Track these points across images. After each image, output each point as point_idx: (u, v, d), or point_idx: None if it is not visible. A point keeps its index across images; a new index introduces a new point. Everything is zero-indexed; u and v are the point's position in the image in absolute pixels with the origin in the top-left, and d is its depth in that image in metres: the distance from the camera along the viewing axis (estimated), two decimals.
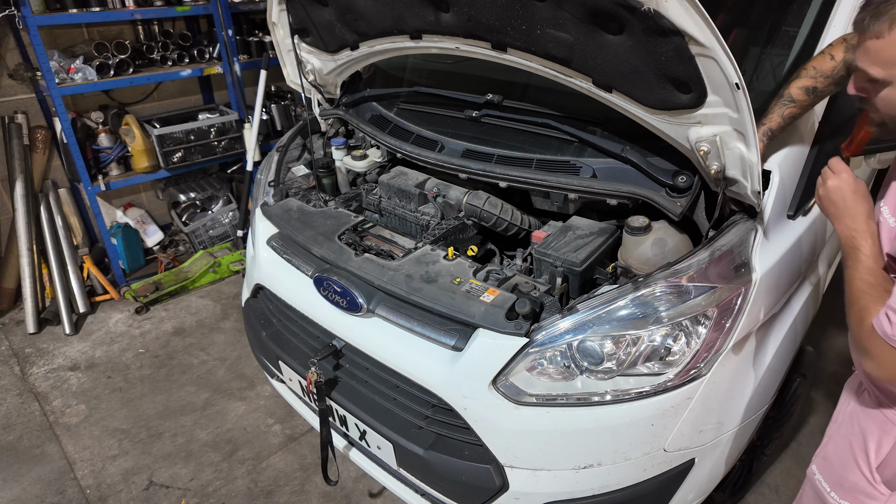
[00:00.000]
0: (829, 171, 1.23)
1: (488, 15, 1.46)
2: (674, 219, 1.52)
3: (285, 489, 2.29)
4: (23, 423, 2.67)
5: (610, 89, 1.45)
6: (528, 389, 1.44)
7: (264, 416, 2.65)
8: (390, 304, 1.63)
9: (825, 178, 1.23)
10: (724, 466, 1.68)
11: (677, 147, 1.48)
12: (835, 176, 1.21)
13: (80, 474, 2.39)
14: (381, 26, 1.85)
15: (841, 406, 1.45)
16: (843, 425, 1.39)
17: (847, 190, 1.18)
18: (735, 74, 1.16)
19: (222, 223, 4.01)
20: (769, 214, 1.49)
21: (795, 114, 1.48)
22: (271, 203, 2.11)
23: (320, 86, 2.40)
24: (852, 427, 1.35)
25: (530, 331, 1.41)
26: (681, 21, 1.13)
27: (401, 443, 1.59)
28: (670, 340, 1.40)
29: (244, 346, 3.10)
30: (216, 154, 3.75)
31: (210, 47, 3.74)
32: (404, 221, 2.02)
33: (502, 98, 1.88)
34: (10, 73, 3.33)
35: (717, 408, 1.52)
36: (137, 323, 3.37)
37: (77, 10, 3.13)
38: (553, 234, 1.69)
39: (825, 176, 1.23)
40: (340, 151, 2.30)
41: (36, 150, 3.47)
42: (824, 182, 1.22)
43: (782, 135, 1.54)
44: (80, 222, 3.68)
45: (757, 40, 1.80)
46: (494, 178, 1.79)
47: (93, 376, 2.94)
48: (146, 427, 2.61)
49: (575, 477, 1.47)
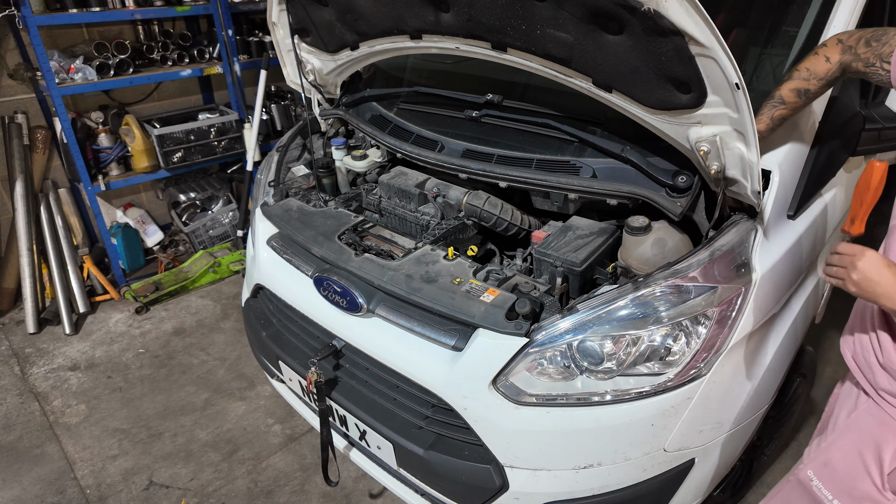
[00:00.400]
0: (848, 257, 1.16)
1: (488, 15, 1.46)
2: (674, 219, 1.52)
3: (285, 489, 2.29)
4: (23, 423, 2.67)
5: (610, 89, 1.45)
6: (528, 389, 1.44)
7: (264, 416, 2.65)
8: (390, 304, 1.63)
9: (851, 263, 1.15)
10: (724, 466, 1.68)
11: (677, 147, 1.48)
12: (857, 257, 1.14)
13: (80, 474, 2.39)
14: (381, 26, 1.85)
15: (838, 411, 1.42)
16: (850, 432, 1.36)
17: (880, 265, 1.12)
18: (735, 74, 1.16)
19: (222, 223, 4.01)
20: (769, 214, 1.49)
21: (785, 115, 1.46)
22: (271, 203, 2.11)
23: (320, 86, 2.40)
24: (861, 435, 1.32)
25: (530, 331, 1.41)
26: (681, 21, 1.13)
27: (401, 443, 1.59)
28: (670, 340, 1.40)
29: (244, 346, 3.10)
30: (216, 154, 3.75)
31: (210, 47, 3.74)
32: (404, 221, 2.02)
33: (502, 98, 1.88)
34: (10, 73, 3.33)
35: (717, 408, 1.52)
36: (137, 323, 3.37)
37: (77, 10, 3.13)
38: (553, 234, 1.69)
39: (847, 262, 1.16)
40: (340, 151, 2.30)
41: (36, 150, 3.47)
42: (853, 267, 1.14)
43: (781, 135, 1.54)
44: (80, 222, 3.68)
45: (757, 40, 1.80)
46: (494, 178, 1.79)
47: (93, 376, 2.94)
48: (146, 427, 2.61)
49: (575, 477, 1.48)
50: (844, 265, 1.17)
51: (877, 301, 1.13)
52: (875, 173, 1.14)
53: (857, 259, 1.14)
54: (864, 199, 1.18)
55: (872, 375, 1.31)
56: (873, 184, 1.16)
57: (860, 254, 1.14)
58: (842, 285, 1.18)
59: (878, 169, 1.14)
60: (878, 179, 1.15)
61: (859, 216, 1.21)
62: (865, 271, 1.12)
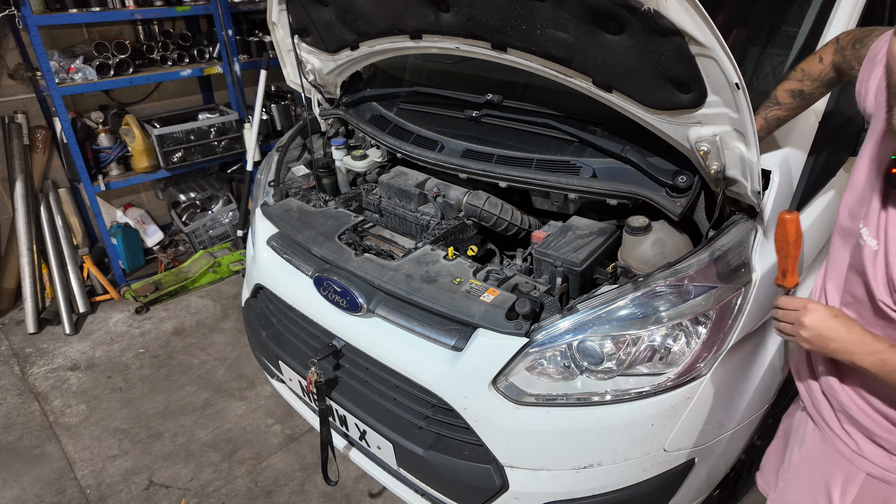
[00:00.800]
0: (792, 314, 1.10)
1: (488, 15, 1.46)
2: (674, 219, 1.52)
3: (285, 489, 2.29)
4: (23, 423, 2.67)
5: (610, 89, 1.45)
6: (528, 389, 1.44)
7: (264, 416, 2.65)
8: (390, 304, 1.63)
9: (797, 320, 1.08)
10: (724, 466, 1.68)
11: (677, 147, 1.48)
12: (802, 313, 1.08)
13: (80, 474, 2.39)
14: (381, 26, 1.85)
15: (792, 443, 1.37)
16: (801, 470, 1.32)
17: (827, 318, 1.05)
18: (735, 74, 1.16)
19: (222, 223, 4.01)
20: (769, 214, 1.49)
21: (781, 116, 1.44)
22: (271, 203, 2.11)
23: (320, 86, 2.40)
24: (811, 473, 1.28)
25: (530, 331, 1.41)
26: (681, 21, 1.13)
27: (401, 443, 1.59)
28: (670, 340, 1.40)
29: (244, 346, 3.10)
30: (216, 154, 3.75)
31: (210, 47, 3.74)
32: (404, 221, 2.02)
33: (502, 98, 1.88)
34: (10, 73, 3.33)
35: (717, 408, 1.52)
36: (137, 323, 3.37)
37: (77, 10, 3.13)
38: (553, 234, 1.69)
39: (792, 318, 1.10)
40: (340, 151, 2.30)
41: (36, 150, 3.47)
42: (800, 325, 1.08)
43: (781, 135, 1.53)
44: (80, 222, 3.68)
45: (757, 40, 1.80)
46: (494, 178, 1.79)
47: (93, 376, 2.94)
48: (146, 427, 2.61)
49: (575, 477, 1.47)
50: (791, 321, 1.11)
51: (833, 356, 1.07)
52: (788, 226, 1.13)
53: (802, 316, 1.07)
54: (787, 252, 1.15)
55: (818, 404, 1.27)
56: (790, 237, 1.13)
57: (803, 309, 1.08)
58: (794, 342, 1.12)
59: (790, 221, 1.12)
60: (794, 231, 1.13)
61: (789, 269, 1.18)
62: (815, 328, 1.06)
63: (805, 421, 1.33)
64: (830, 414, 1.23)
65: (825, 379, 1.22)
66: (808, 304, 1.08)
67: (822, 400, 1.25)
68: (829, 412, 1.23)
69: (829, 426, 1.24)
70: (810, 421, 1.30)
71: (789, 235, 1.14)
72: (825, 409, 1.25)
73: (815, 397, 1.28)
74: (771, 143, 1.54)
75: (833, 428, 1.23)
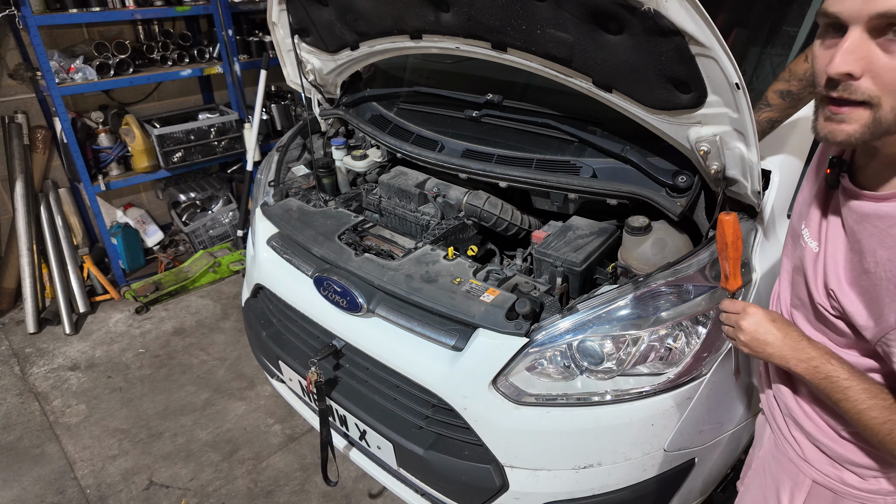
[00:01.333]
0: (733, 317, 1.09)
1: (488, 15, 1.46)
2: (674, 219, 1.52)
3: (285, 489, 2.29)
4: (23, 423, 2.67)
5: (610, 89, 1.45)
6: (528, 389, 1.44)
7: (264, 416, 2.65)
8: (390, 304, 1.63)
9: (735, 322, 1.08)
10: (725, 466, 1.68)
11: (677, 147, 1.48)
12: (741, 316, 1.07)
13: (80, 474, 2.39)
14: (381, 26, 1.85)
15: (754, 449, 1.36)
16: (758, 474, 1.30)
17: (764, 322, 1.04)
18: (735, 74, 1.16)
19: (222, 223, 4.01)
20: (769, 214, 1.49)
21: (773, 118, 1.43)
22: (271, 203, 2.11)
23: (320, 86, 2.40)
24: (765, 478, 1.27)
25: (530, 331, 1.41)
26: (681, 21, 1.13)
27: (401, 443, 1.59)
28: (670, 340, 1.40)
29: (244, 346, 3.10)
30: (216, 154, 3.75)
31: (210, 47, 3.74)
32: (404, 221, 2.02)
33: (502, 98, 1.88)
34: (11, 73, 3.33)
35: (718, 408, 1.52)
36: (137, 323, 3.37)
37: (77, 10, 3.12)
38: (553, 234, 1.69)
39: (731, 321, 1.09)
40: (340, 151, 2.30)
41: (36, 149, 3.47)
42: (738, 328, 1.07)
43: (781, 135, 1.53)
44: (80, 222, 3.67)
45: (757, 40, 1.80)
46: (494, 178, 1.79)
47: (93, 376, 2.94)
48: (146, 427, 2.61)
49: (575, 477, 1.47)
50: (731, 324, 1.10)
51: (769, 360, 1.05)
52: (726, 227, 1.10)
53: (741, 319, 1.06)
54: (727, 254, 1.13)
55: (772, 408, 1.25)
56: (729, 238, 1.11)
57: (743, 313, 1.07)
58: (735, 345, 1.11)
59: (728, 223, 1.10)
60: (731, 232, 1.11)
61: (730, 272, 1.16)
62: (752, 332, 1.05)
63: (764, 425, 1.31)
64: (781, 418, 1.22)
65: (776, 384, 1.21)
66: (748, 307, 1.07)
67: (774, 404, 1.23)
68: (780, 417, 1.22)
69: (780, 431, 1.22)
70: (767, 426, 1.29)
71: (727, 237, 1.11)
72: (777, 414, 1.23)
73: (769, 401, 1.26)
74: (771, 143, 1.54)
75: (783, 433, 1.21)
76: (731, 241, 1.12)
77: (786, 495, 1.19)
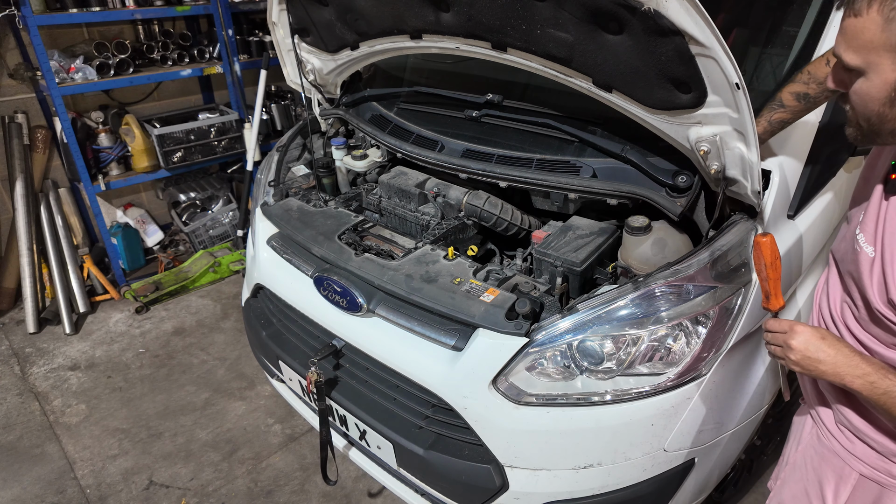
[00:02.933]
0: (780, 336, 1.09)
1: (488, 15, 1.46)
2: (674, 219, 1.52)
3: (285, 489, 2.29)
4: (23, 422, 2.67)
5: (610, 89, 1.45)
6: (528, 389, 1.44)
7: (264, 415, 2.65)
8: (390, 304, 1.63)
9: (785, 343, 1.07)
10: (724, 466, 1.68)
11: (677, 147, 1.48)
12: (789, 335, 1.07)
13: (80, 474, 2.39)
14: (381, 26, 1.85)
15: (791, 444, 1.37)
16: (798, 468, 1.31)
17: (815, 340, 1.04)
18: (735, 74, 1.16)
19: (222, 223, 4.01)
20: (769, 214, 1.49)
21: (786, 119, 1.43)
22: (271, 203, 2.11)
23: (320, 86, 2.40)
24: (806, 472, 1.28)
25: (530, 331, 1.41)
26: (681, 21, 1.13)
27: (401, 443, 1.59)
28: (670, 340, 1.40)
29: (244, 346, 3.10)
30: (216, 154, 3.75)
31: (210, 47, 3.74)
32: (404, 221, 2.02)
33: (502, 98, 1.88)
34: (11, 73, 3.33)
35: (717, 408, 1.52)
36: (137, 323, 3.37)
37: (77, 10, 3.13)
38: (553, 234, 1.69)
39: (780, 341, 1.09)
40: (340, 151, 2.30)
41: (36, 149, 3.47)
42: (789, 348, 1.06)
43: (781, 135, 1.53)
44: (80, 222, 3.68)
45: (757, 40, 1.80)
46: (494, 178, 1.79)
47: (93, 376, 2.94)
48: (146, 427, 2.61)
49: (575, 477, 1.47)
50: (779, 344, 1.09)
51: (823, 378, 1.05)
52: (763, 249, 1.11)
53: (790, 339, 1.06)
54: (766, 274, 1.13)
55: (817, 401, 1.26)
56: (767, 260, 1.12)
57: (791, 332, 1.06)
58: (785, 364, 1.11)
59: (765, 245, 1.11)
60: (770, 253, 1.11)
61: (772, 292, 1.15)
62: (802, 350, 1.04)
63: (804, 420, 1.33)
64: (827, 412, 1.23)
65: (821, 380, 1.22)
66: (795, 326, 1.07)
67: (820, 398, 1.25)
68: (826, 410, 1.23)
69: (825, 424, 1.23)
70: (809, 419, 1.30)
71: (765, 258, 1.11)
72: (822, 408, 1.25)
73: (815, 395, 1.28)
74: (771, 143, 1.54)
75: (828, 426, 1.23)
76: (770, 262, 1.12)
77: (830, 488, 1.20)
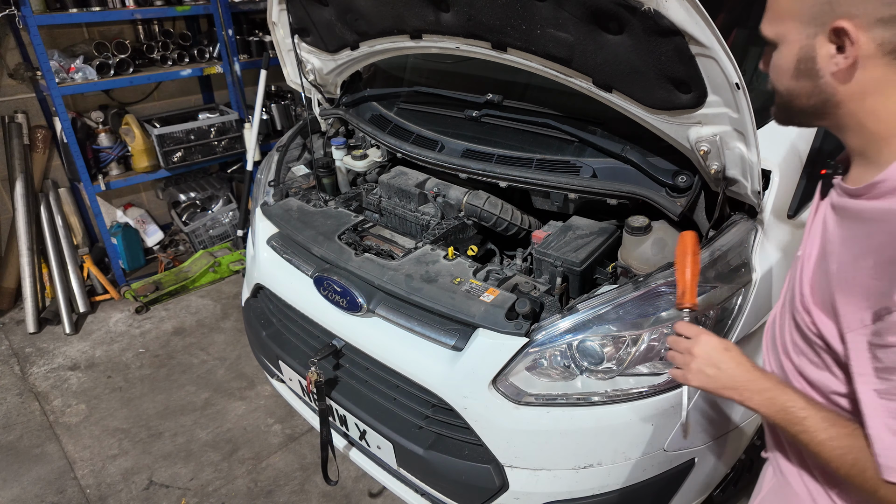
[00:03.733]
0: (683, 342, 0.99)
1: (488, 15, 1.46)
2: (674, 219, 1.52)
3: (285, 489, 2.29)
4: (23, 422, 2.67)
5: (610, 89, 1.45)
6: (528, 389, 1.44)
7: (264, 415, 2.65)
8: (390, 304, 1.63)
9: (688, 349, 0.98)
10: (724, 466, 1.68)
11: (677, 147, 1.48)
12: (694, 341, 0.97)
13: (80, 474, 2.39)
14: (381, 26, 1.85)
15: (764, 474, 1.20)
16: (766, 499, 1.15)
17: (720, 350, 0.95)
18: (735, 74, 1.16)
19: (222, 223, 4.01)
20: (769, 214, 1.49)
21: None
22: (271, 203, 2.11)
23: (320, 85, 2.40)
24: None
25: (530, 331, 1.41)
26: (681, 21, 1.13)
27: (401, 442, 1.59)
28: None
29: (244, 346, 3.10)
30: (216, 154, 3.75)
31: (210, 47, 3.74)
32: (404, 221, 2.02)
33: (502, 98, 1.88)
34: (11, 73, 3.33)
35: (717, 408, 1.52)
36: (137, 322, 3.37)
37: (77, 10, 3.12)
38: (553, 234, 1.69)
39: (684, 347, 0.99)
40: (340, 151, 2.30)
41: (36, 149, 3.47)
42: (690, 355, 0.97)
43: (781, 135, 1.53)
44: (80, 222, 3.67)
45: (757, 40, 1.80)
46: (494, 178, 1.79)
47: (93, 376, 2.94)
48: (146, 427, 2.61)
49: (575, 477, 1.48)
50: (681, 350, 0.99)
51: (721, 394, 0.95)
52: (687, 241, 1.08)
53: (693, 345, 0.97)
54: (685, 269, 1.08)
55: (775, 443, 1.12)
56: (689, 251, 1.08)
57: (696, 339, 0.97)
58: (681, 378, 1.00)
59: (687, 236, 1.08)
60: (691, 246, 1.08)
61: (688, 288, 1.07)
62: (704, 358, 0.96)
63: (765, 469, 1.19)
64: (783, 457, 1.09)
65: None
66: (703, 333, 0.98)
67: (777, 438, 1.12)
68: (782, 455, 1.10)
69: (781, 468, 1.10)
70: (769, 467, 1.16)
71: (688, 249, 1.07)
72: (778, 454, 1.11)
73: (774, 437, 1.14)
74: (771, 143, 1.54)
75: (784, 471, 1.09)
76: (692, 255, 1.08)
77: None
